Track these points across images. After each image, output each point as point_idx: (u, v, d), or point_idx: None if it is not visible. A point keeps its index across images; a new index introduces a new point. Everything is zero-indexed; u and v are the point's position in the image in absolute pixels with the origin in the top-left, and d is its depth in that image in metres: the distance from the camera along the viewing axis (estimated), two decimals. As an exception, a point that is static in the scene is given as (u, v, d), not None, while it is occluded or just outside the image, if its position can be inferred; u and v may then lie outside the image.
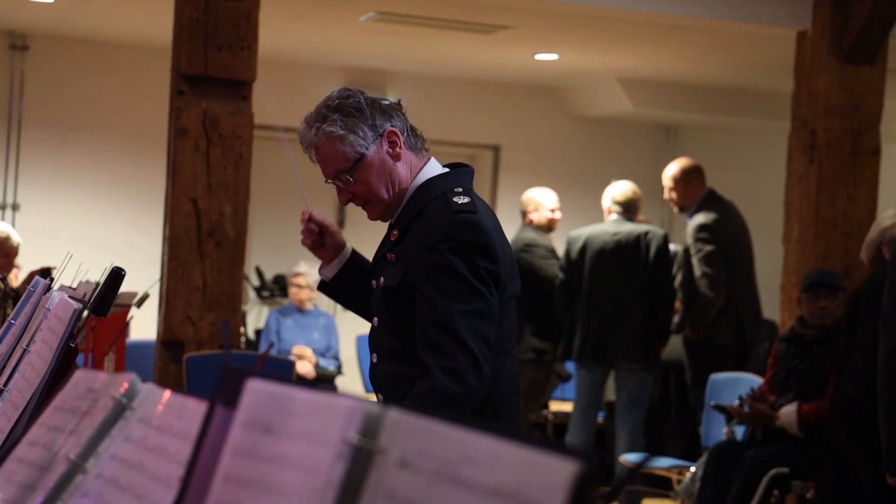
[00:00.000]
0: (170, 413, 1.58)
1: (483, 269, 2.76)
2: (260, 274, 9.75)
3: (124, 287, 5.96)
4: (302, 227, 3.07)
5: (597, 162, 10.37)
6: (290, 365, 6.53)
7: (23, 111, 9.14)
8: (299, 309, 8.49)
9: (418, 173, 2.90)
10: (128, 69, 9.27)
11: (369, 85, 9.95)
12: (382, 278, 2.91)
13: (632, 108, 9.94)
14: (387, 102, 2.92)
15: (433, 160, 2.95)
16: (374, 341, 3.00)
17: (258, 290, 9.76)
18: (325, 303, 8.80)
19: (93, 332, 4.88)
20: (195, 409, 1.51)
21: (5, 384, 2.70)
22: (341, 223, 10.06)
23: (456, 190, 2.85)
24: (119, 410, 1.63)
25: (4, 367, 2.80)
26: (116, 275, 2.48)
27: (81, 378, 1.80)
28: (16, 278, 7.37)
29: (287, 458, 1.23)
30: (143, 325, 7.90)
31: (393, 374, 2.92)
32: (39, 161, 9.19)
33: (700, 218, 7.12)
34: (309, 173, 3.08)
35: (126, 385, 1.64)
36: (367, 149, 2.84)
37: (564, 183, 9.46)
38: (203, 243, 5.79)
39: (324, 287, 3.21)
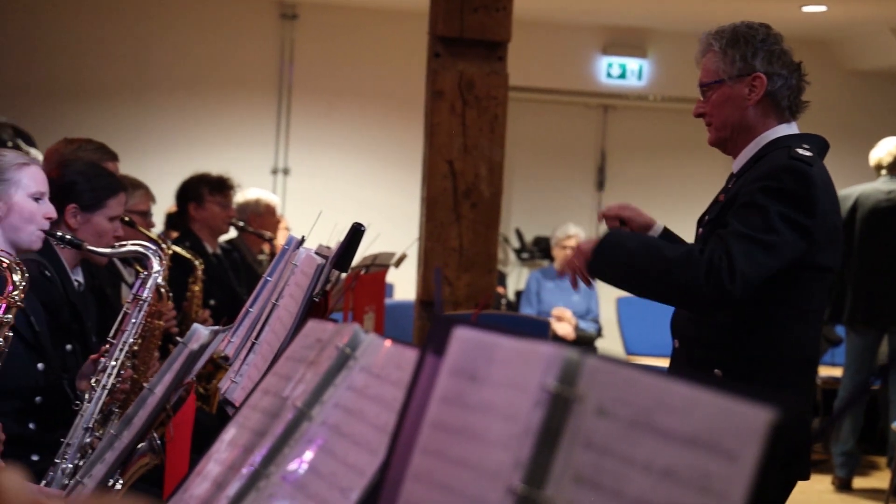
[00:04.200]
0: (390, 362, 1.60)
1: (791, 218, 2.74)
2: (520, 235, 9.80)
3: (384, 247, 6.08)
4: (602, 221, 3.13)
5: (869, 118, 9.92)
6: (546, 325, 6.53)
7: (293, 79, 9.46)
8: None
9: (771, 129, 2.95)
10: (387, 34, 9.46)
11: (627, 44, 9.82)
12: (707, 216, 2.96)
13: (907, 61, 9.47)
14: (786, 56, 2.97)
15: (794, 125, 2.98)
16: (678, 325, 2.98)
17: (518, 252, 9.82)
18: (586, 264, 8.75)
19: (352, 292, 5.01)
20: (412, 358, 1.52)
21: (256, 337, 2.80)
22: (601, 184, 10.00)
23: (803, 145, 2.87)
24: (343, 360, 1.66)
25: (257, 321, 2.90)
26: (356, 231, 2.53)
27: (311, 329, 1.84)
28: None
29: (489, 405, 1.21)
30: (406, 286, 8.08)
31: (696, 360, 2.90)
32: (309, 127, 9.50)
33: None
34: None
35: (349, 335, 1.67)
36: (728, 77, 2.94)
37: (835, 140, 8.99)
38: (459, 204, 5.84)
39: None
